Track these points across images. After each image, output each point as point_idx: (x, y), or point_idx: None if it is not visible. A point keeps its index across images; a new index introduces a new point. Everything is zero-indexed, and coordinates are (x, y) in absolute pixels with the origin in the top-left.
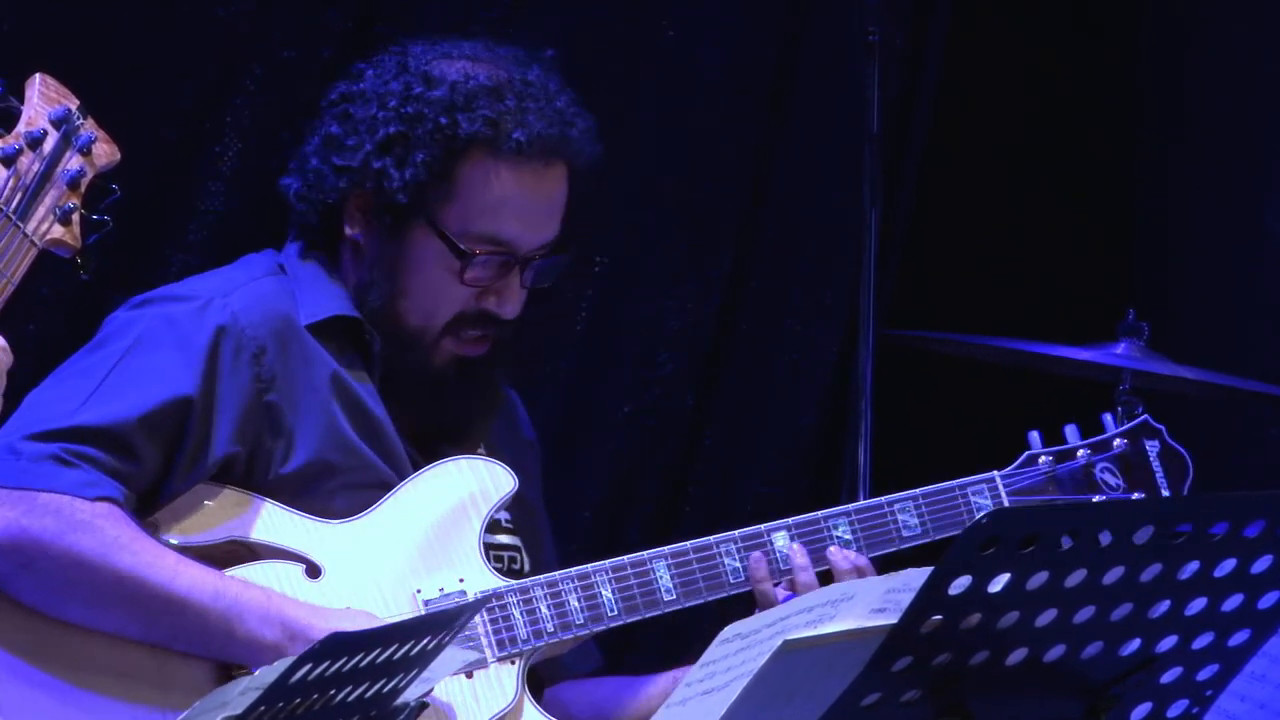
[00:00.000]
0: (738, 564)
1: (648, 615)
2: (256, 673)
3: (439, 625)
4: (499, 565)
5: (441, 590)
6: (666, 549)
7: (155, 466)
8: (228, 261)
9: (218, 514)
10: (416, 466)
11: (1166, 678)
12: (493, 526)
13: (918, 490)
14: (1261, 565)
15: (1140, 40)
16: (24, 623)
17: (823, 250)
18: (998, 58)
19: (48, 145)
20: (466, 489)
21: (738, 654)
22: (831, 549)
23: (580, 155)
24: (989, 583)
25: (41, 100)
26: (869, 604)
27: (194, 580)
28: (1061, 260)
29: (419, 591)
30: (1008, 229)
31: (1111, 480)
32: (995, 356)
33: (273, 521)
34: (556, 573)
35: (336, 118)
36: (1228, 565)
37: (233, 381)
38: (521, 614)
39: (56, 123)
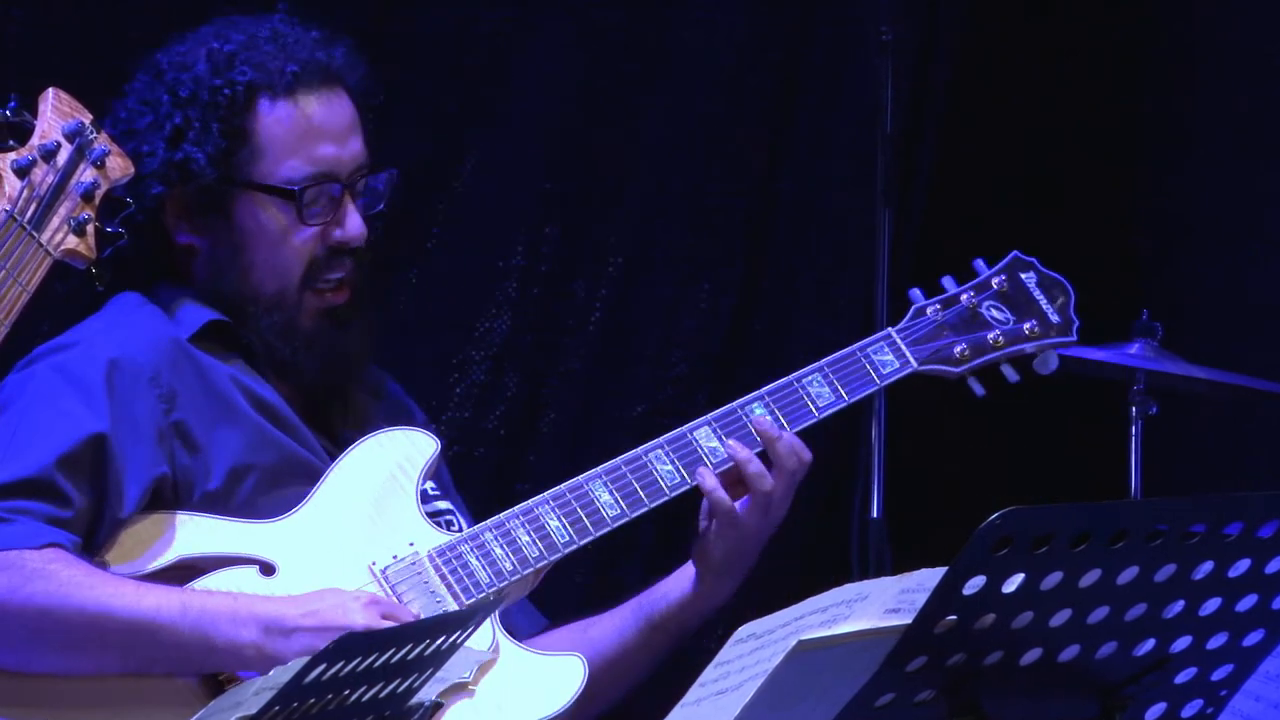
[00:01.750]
0: (670, 467)
1: (598, 534)
2: (271, 672)
3: (453, 624)
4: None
5: (395, 557)
6: (599, 468)
7: (86, 505)
8: None
9: (159, 538)
10: (329, 452)
11: (1181, 678)
12: (422, 498)
13: (821, 361)
14: (1276, 565)
15: (1152, 38)
16: (8, 683)
17: (835, 249)
18: (1009, 56)
19: (61, 157)
20: (392, 459)
21: (751, 654)
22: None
23: (352, 75)
24: (1003, 583)
25: (55, 114)
26: (883, 604)
27: (158, 601)
28: (1075, 260)
29: (374, 563)
30: (1020, 228)
31: (1000, 315)
32: None
33: (214, 533)
34: (501, 514)
35: (131, 145)
36: (1242, 565)
37: (137, 407)
38: (479, 559)
39: (70, 136)
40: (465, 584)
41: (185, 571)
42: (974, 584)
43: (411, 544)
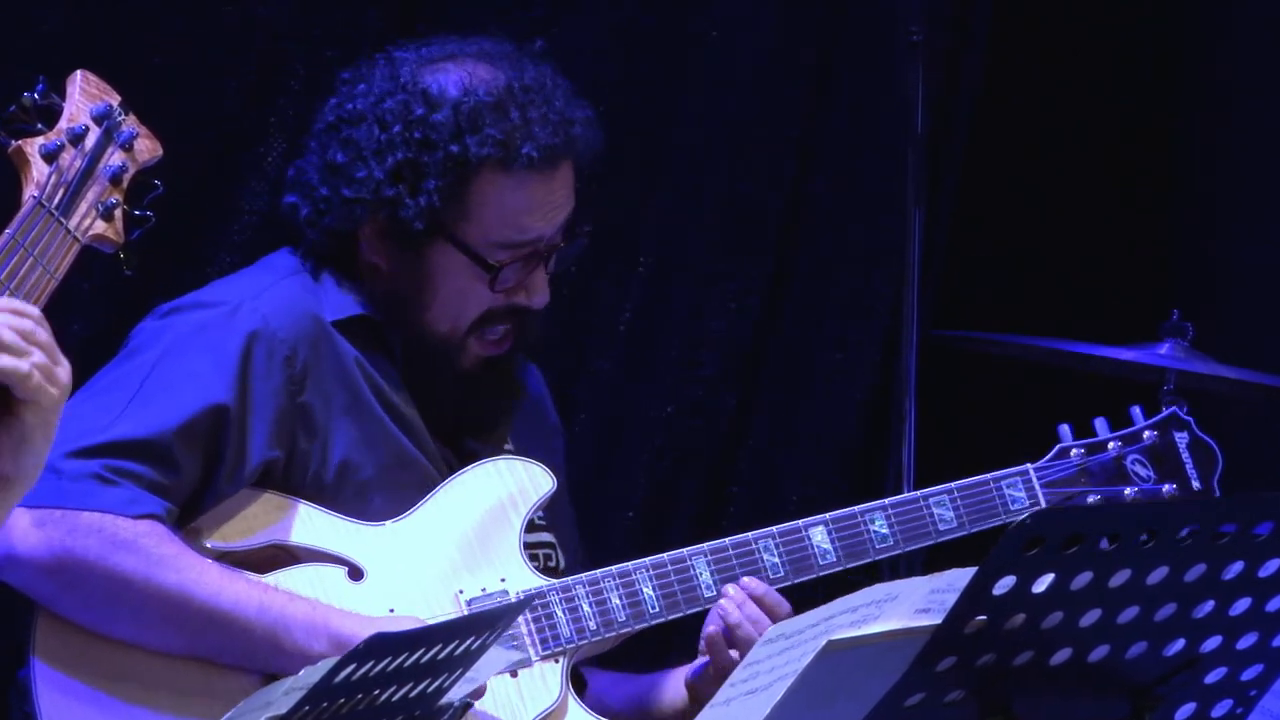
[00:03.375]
0: (776, 559)
1: (689, 611)
2: (301, 673)
3: (483, 625)
4: (535, 564)
5: (484, 590)
6: (705, 545)
7: (195, 475)
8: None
9: (259, 519)
10: (448, 462)
11: (1211, 678)
12: (529, 525)
13: (952, 484)
14: None
15: (1182, 38)
16: (70, 638)
17: (865, 250)
18: (1039, 57)
19: (89, 141)
20: (505, 489)
21: (781, 654)
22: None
23: (585, 151)
24: (1033, 583)
25: (83, 97)
26: (913, 604)
27: (239, 595)
28: (1105, 260)
29: (461, 592)
30: (1051, 228)
31: (1142, 471)
32: (1039, 357)
33: (314, 525)
34: (598, 571)
35: (339, 143)
36: (1272, 565)
37: (266, 386)
38: (564, 612)
39: (98, 119)
40: (545, 634)
41: (276, 553)
42: (1004, 584)
43: (503, 580)
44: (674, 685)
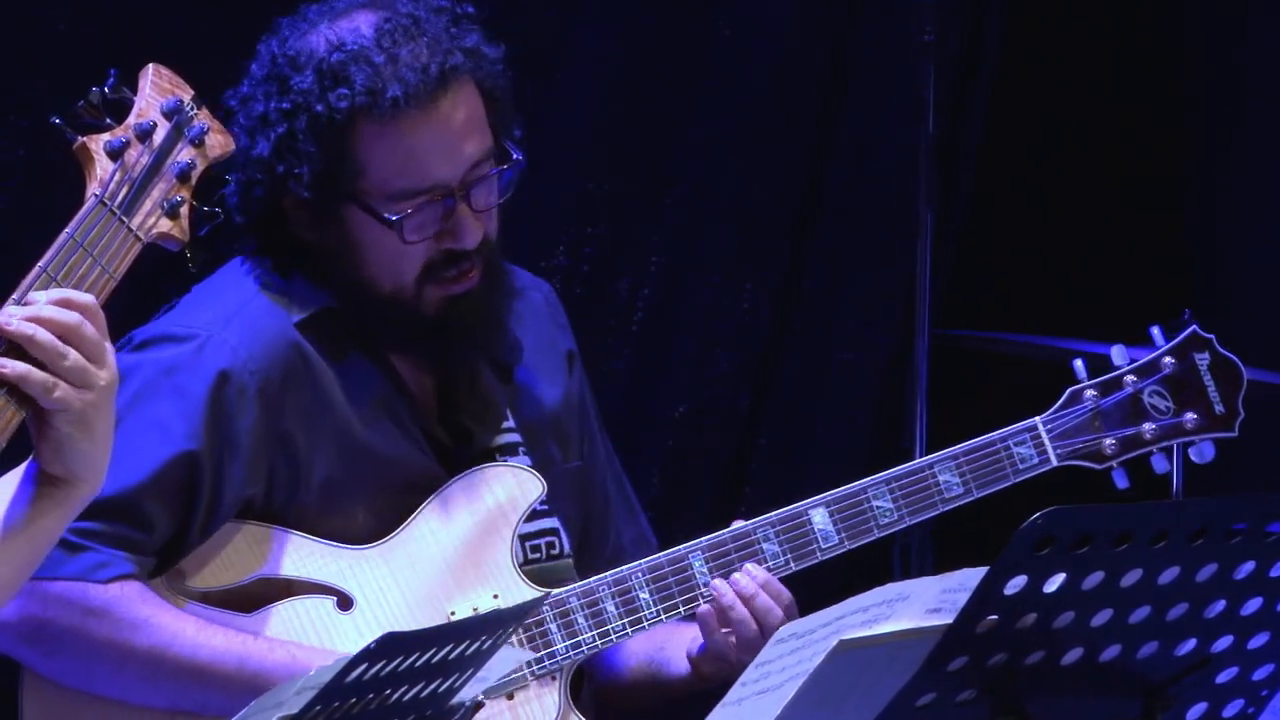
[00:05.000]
0: (777, 548)
1: (687, 610)
2: (312, 672)
3: (495, 624)
4: (537, 555)
5: (475, 610)
6: (702, 541)
7: (169, 526)
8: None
9: (242, 554)
10: (441, 450)
11: (1222, 677)
12: (527, 515)
13: (957, 448)
14: None
15: (1194, 38)
16: (62, 697)
17: (878, 249)
18: (1052, 57)
19: (158, 137)
20: (494, 499)
21: (792, 654)
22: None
23: (476, 69)
24: (1044, 583)
25: (154, 91)
26: (924, 604)
27: (216, 651)
28: (1116, 259)
29: (453, 614)
30: (1062, 228)
31: (1161, 404)
32: (1050, 356)
33: (299, 555)
34: (592, 579)
35: (239, 129)
36: None
37: (238, 425)
38: (559, 628)
39: (168, 114)
40: (540, 651)
41: (264, 587)
42: (1015, 584)
43: (496, 596)
44: (679, 656)
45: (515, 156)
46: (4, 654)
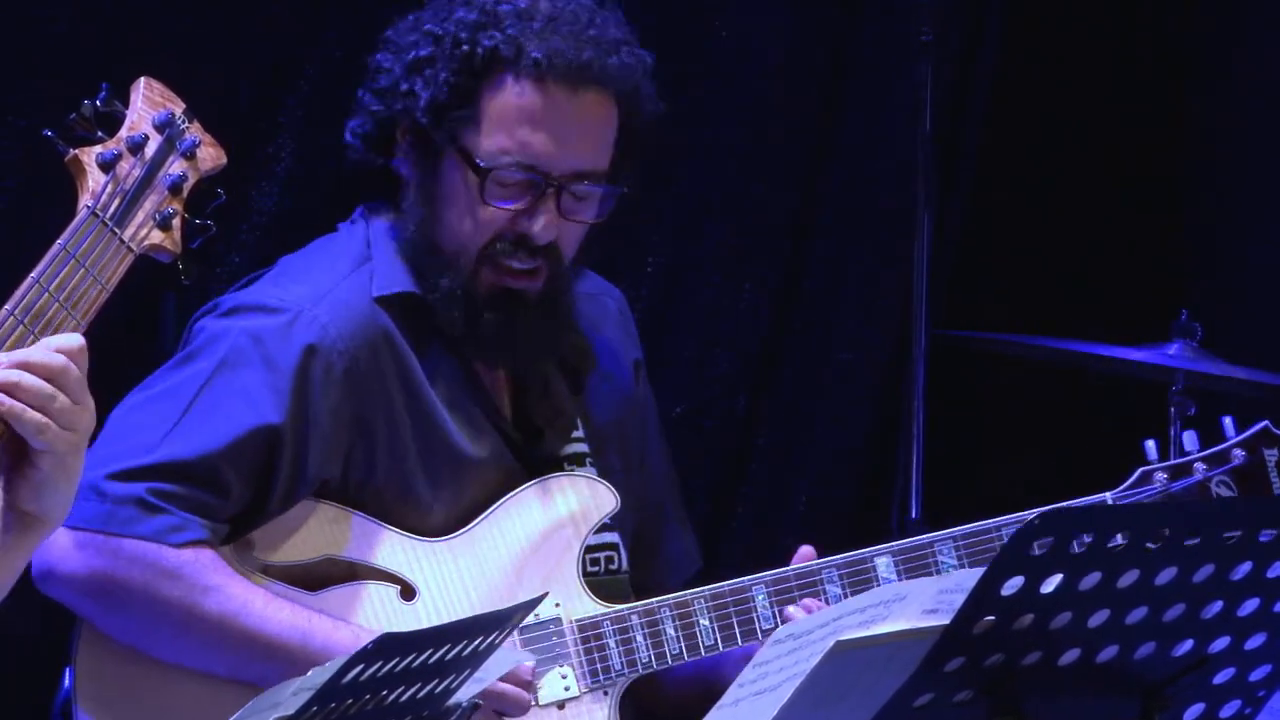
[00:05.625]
0: (840, 590)
1: (745, 644)
2: (309, 673)
3: (491, 625)
4: (596, 568)
5: (537, 616)
6: (766, 575)
7: (245, 496)
8: (277, 261)
9: (314, 532)
10: (514, 448)
11: (1219, 678)
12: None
13: (1030, 513)
14: None
15: (1194, 38)
16: (111, 654)
17: (878, 250)
18: (1051, 57)
19: (149, 150)
20: (566, 508)
21: (790, 654)
22: None
23: (619, 83)
24: (1041, 583)
25: (145, 104)
26: (921, 604)
27: (282, 625)
28: (1115, 260)
29: None
30: (1061, 229)
31: (1226, 494)
32: (1048, 356)
33: (369, 540)
34: (653, 600)
35: (382, 46)
36: None
37: (323, 403)
38: (616, 643)
39: (160, 127)
40: (595, 665)
41: (330, 568)
42: (1012, 584)
43: (558, 605)
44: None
45: (620, 190)
46: (65, 605)
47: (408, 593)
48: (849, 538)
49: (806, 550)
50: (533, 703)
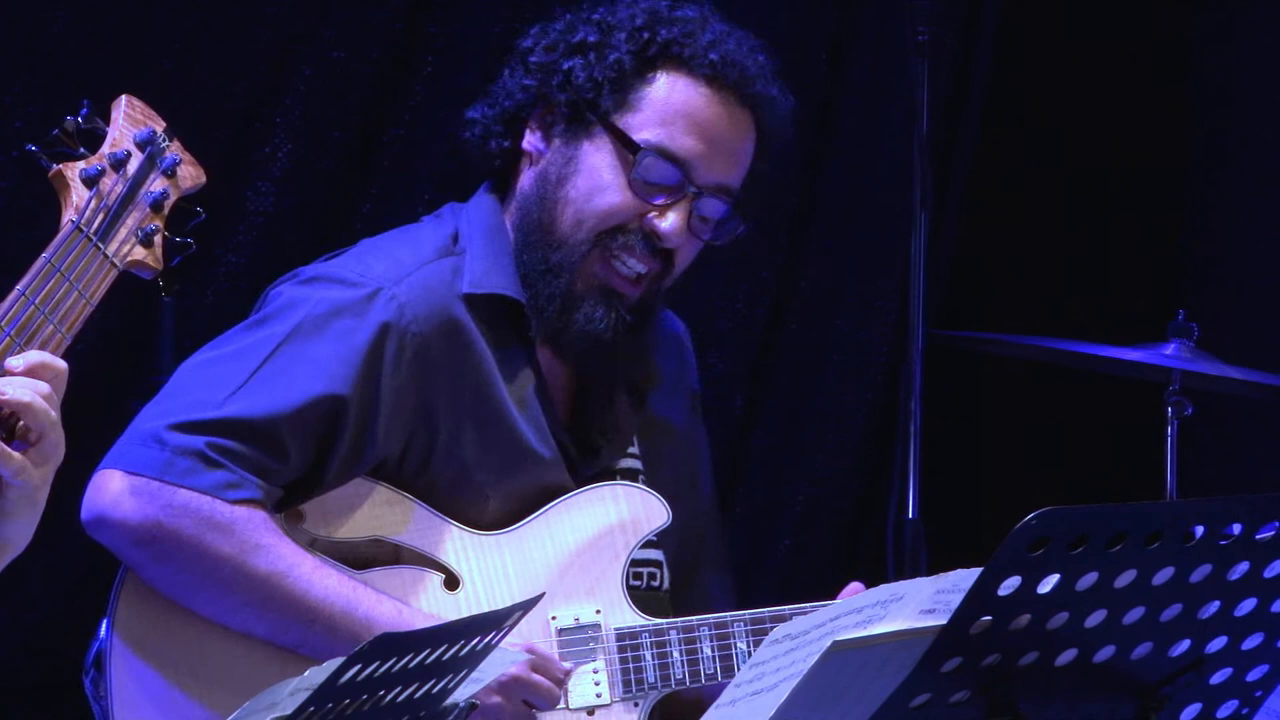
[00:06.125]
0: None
1: None
2: (306, 673)
3: (489, 625)
4: (638, 582)
5: (577, 620)
6: (808, 606)
7: (303, 463)
8: (274, 264)
9: (366, 512)
10: (567, 458)
11: (1216, 678)
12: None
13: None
14: None
15: (1191, 39)
16: (151, 608)
17: (874, 252)
18: (1047, 58)
19: (131, 167)
20: (618, 516)
21: (787, 655)
22: None
23: (770, 114)
24: (1038, 583)
25: (127, 122)
26: (918, 605)
27: (328, 591)
28: (1111, 260)
29: (554, 618)
30: (1057, 229)
31: None
32: (1044, 357)
33: (420, 526)
34: (694, 618)
35: (531, 38)
36: (1277, 566)
37: (391, 382)
38: (652, 656)
39: (141, 144)
40: (629, 676)
41: (377, 549)
42: (1009, 584)
43: (599, 612)
44: None
45: (743, 223)
46: (112, 551)
47: (451, 582)
48: (846, 539)
49: (855, 586)
50: (563, 702)
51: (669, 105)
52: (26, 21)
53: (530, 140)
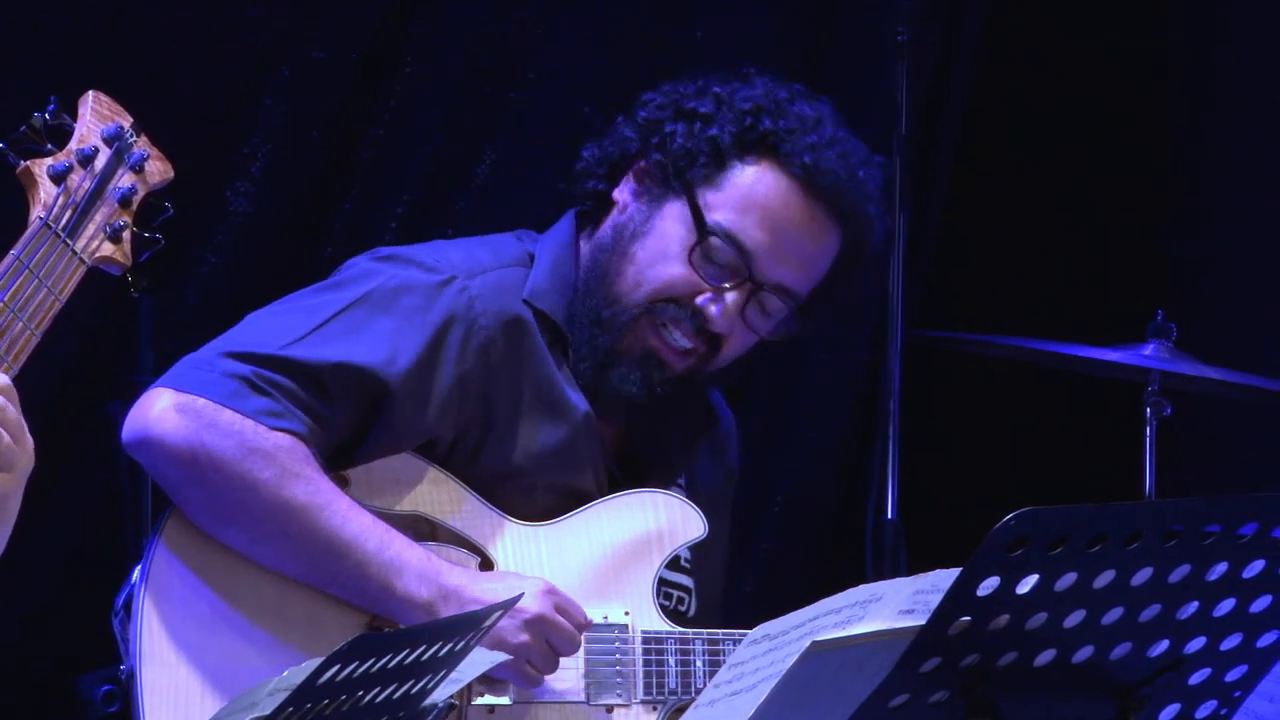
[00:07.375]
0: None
1: None
2: (285, 673)
3: (467, 627)
4: (665, 603)
5: (605, 618)
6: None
7: (345, 420)
8: (254, 264)
9: (412, 487)
10: (614, 482)
11: (1195, 679)
12: (672, 561)
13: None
14: None
15: (1172, 39)
16: (191, 551)
17: None
18: (1028, 58)
19: (99, 162)
20: (656, 523)
21: (766, 655)
22: None
23: (857, 231)
24: (1017, 584)
25: (94, 117)
26: (897, 605)
27: (361, 529)
28: (1091, 260)
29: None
30: (1037, 230)
31: None
32: (1024, 357)
33: (462, 508)
34: (719, 630)
35: (659, 91)
36: (1256, 566)
37: (453, 369)
38: (676, 663)
39: (109, 140)
40: (652, 679)
41: (417, 525)
42: (988, 585)
43: (627, 613)
44: None
45: (796, 326)
46: (148, 470)
47: (486, 566)
48: (825, 539)
49: None
50: (584, 696)
51: (751, 194)
52: (13, 21)
53: (622, 190)
